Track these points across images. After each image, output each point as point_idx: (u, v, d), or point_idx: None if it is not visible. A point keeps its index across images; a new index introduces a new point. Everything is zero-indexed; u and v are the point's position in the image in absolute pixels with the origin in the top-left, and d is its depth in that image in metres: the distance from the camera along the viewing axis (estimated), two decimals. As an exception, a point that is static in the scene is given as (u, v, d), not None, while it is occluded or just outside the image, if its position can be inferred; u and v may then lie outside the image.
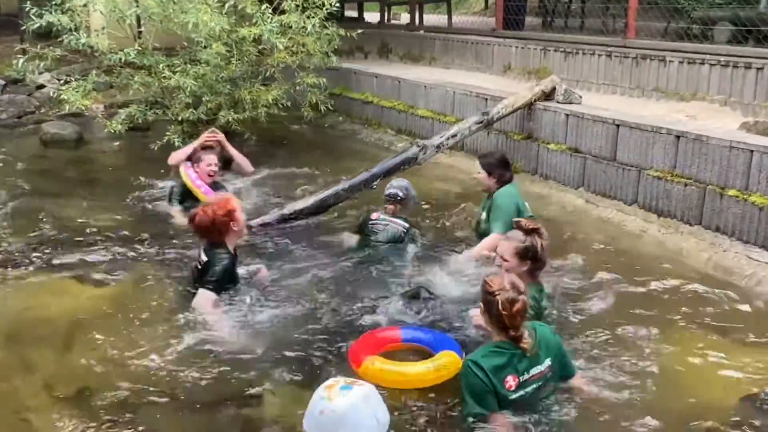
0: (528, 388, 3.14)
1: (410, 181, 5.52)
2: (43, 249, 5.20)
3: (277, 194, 6.68)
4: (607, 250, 5.35)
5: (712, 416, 3.28)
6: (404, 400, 3.36)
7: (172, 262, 4.97)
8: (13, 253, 5.16)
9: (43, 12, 7.69)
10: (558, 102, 6.72)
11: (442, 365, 3.47)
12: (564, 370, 3.32)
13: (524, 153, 6.93)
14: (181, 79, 7.76)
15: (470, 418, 3.06)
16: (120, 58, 7.85)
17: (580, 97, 6.82)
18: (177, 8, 7.74)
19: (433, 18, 13.54)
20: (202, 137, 6.75)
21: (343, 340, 3.88)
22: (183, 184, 6.13)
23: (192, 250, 4.95)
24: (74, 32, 7.74)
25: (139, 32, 8.66)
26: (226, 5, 7.78)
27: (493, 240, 4.73)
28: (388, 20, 13.72)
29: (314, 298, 4.42)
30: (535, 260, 3.87)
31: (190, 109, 8.07)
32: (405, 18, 14.48)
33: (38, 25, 7.72)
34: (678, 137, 5.50)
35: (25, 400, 3.44)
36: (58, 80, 9.77)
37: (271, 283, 4.60)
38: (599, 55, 8.00)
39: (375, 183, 6.03)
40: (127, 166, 7.99)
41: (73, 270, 4.81)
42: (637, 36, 7.96)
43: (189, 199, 6.02)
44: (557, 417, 3.17)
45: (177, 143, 7.60)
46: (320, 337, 3.96)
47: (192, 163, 6.23)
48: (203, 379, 3.55)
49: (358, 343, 3.69)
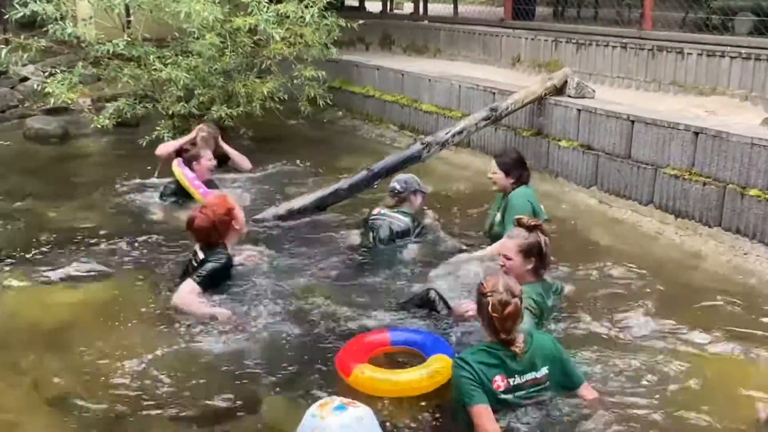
0: (519, 393, 3.19)
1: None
2: (26, 251, 5.19)
3: (273, 193, 6.68)
4: (620, 252, 5.33)
5: (733, 428, 3.27)
6: (392, 409, 3.36)
7: (161, 265, 4.97)
8: (-6, 255, 5.16)
9: (28, 0, 7.70)
10: (570, 96, 6.71)
11: (435, 371, 3.44)
12: (568, 381, 3.33)
13: (534, 150, 6.91)
14: (172, 72, 7.76)
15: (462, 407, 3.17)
16: (108, 50, 7.86)
17: (593, 91, 6.81)
18: (168, -4, 7.75)
19: (438, 7, 13.52)
20: (194, 132, 6.79)
21: (335, 347, 3.86)
22: (177, 182, 6.23)
23: (182, 253, 4.96)
24: (60, 22, 7.75)
25: (128, 22, 8.67)
26: (220, -7, 7.81)
27: None
28: (391, 10, 13.72)
29: (308, 301, 4.43)
30: (539, 257, 3.93)
31: (182, 103, 8.08)
32: (408, 7, 14.50)
33: (22, 14, 7.73)
34: (696, 134, 5.49)
35: (8, 405, 3.45)
36: (43, 72, 9.80)
37: (264, 275, 4.68)
38: (614, 47, 7.99)
39: (376, 182, 6.04)
40: (115, 163, 7.99)
41: (58, 273, 4.80)
42: (653, 27, 7.96)
43: (182, 196, 6.17)
44: (553, 423, 3.18)
45: (167, 139, 7.62)
46: (312, 343, 3.96)
47: (187, 162, 6.31)
48: (191, 388, 3.54)
49: (345, 350, 3.65)
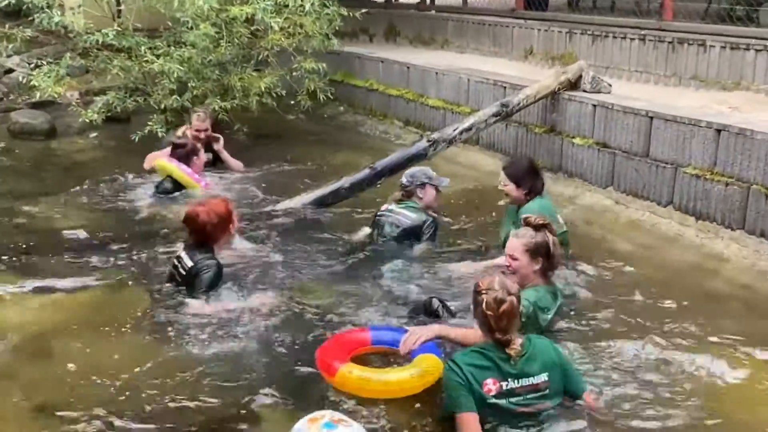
0: (514, 399, 3.19)
1: None
2: (8, 254, 5.20)
3: (269, 193, 6.70)
4: (638, 256, 5.33)
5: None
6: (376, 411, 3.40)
7: (150, 268, 4.99)
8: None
9: (12, -13, 7.75)
10: (585, 91, 6.71)
11: (425, 371, 3.48)
12: (569, 387, 3.35)
13: (547, 148, 6.92)
14: (164, 64, 7.77)
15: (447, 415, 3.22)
16: (97, 40, 7.88)
17: (610, 85, 6.81)
18: (160, -16, 7.79)
19: (446, -4, 13.51)
20: (183, 128, 6.91)
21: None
22: (171, 179, 6.43)
23: (171, 255, 4.97)
24: (47, 10, 7.78)
25: (119, 11, 8.69)
26: (216, -19, 7.81)
27: None
28: (396, -1, 13.71)
29: (304, 303, 4.47)
30: (546, 258, 3.93)
31: (174, 97, 8.09)
32: (415, -4, 14.45)
33: (7, 2, 7.76)
34: (719, 131, 5.48)
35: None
36: (29, 64, 9.79)
37: (259, 276, 4.79)
38: (631, 39, 7.98)
39: (379, 181, 6.06)
40: (104, 160, 8.02)
41: (45, 277, 4.81)
42: (674, 18, 7.94)
43: (179, 191, 6.41)
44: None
45: (160, 134, 7.65)
46: (306, 347, 3.96)
47: (185, 156, 6.56)
48: (180, 397, 3.55)
49: (325, 349, 3.67)
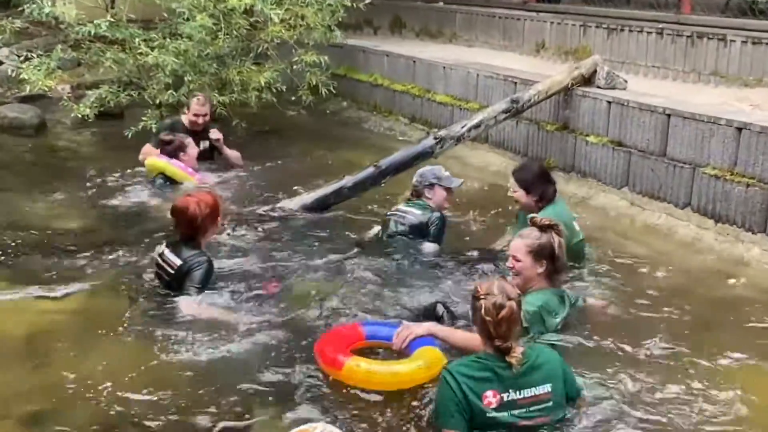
0: (516, 411, 3.15)
1: None
2: (-1, 255, 5.24)
3: (268, 190, 6.72)
4: (653, 260, 5.33)
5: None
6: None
7: (142, 269, 4.97)
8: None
9: (1, -23, 7.79)
10: (599, 87, 6.71)
11: (431, 362, 3.58)
12: (569, 391, 3.35)
13: (559, 146, 6.93)
14: (159, 56, 7.79)
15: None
16: (89, 31, 7.90)
17: (626, 81, 6.81)
18: (156, -27, 7.82)
19: (454, -13, 13.53)
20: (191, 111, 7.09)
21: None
22: (164, 176, 6.53)
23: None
24: (37, 0, 7.80)
25: (112, 1, 8.72)
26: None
27: None
28: (402, -10, 13.72)
29: (302, 303, 4.49)
30: (551, 260, 3.93)
31: (170, 91, 8.09)
32: (422, -13, 14.46)
33: (-5, -8, 7.80)
34: (740, 130, 5.49)
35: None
36: (18, 56, 9.80)
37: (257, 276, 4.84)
38: (648, 33, 7.98)
39: (384, 180, 6.07)
40: (96, 157, 8.04)
41: (34, 279, 4.81)
42: (693, 11, 7.94)
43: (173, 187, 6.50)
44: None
45: (155, 129, 7.65)
46: (302, 350, 3.98)
47: (173, 153, 6.63)
48: (175, 404, 3.56)
49: (324, 344, 3.78)
